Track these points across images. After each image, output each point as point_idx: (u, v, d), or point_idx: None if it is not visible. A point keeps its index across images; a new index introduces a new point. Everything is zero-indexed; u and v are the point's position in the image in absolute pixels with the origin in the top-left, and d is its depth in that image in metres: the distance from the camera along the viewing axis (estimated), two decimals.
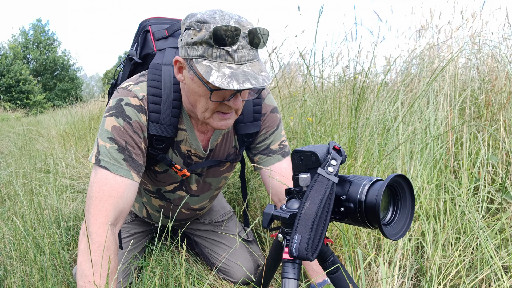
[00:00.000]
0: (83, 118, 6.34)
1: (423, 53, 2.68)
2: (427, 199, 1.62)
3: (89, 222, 1.08)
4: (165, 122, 1.18)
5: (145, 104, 1.16)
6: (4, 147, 5.53)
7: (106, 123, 1.13)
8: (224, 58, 0.99)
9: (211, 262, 1.74)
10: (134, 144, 1.14)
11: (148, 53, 1.32)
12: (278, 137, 1.39)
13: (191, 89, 1.09)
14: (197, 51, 1.01)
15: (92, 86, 53.18)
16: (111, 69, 46.43)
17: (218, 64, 0.99)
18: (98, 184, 1.10)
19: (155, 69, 1.21)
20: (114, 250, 1.10)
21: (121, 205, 1.11)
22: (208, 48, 0.99)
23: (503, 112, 1.96)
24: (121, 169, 1.12)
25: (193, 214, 1.59)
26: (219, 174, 1.44)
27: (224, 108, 1.11)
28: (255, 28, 1.01)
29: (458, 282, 1.35)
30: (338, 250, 1.59)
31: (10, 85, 28.29)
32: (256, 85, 0.98)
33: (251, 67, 1.02)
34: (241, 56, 1.00)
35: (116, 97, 1.16)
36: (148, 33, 1.35)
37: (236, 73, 0.98)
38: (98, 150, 1.12)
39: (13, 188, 2.44)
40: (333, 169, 0.83)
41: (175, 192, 1.43)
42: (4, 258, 1.64)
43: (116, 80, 1.45)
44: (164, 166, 1.32)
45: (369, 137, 1.96)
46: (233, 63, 1.00)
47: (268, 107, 1.36)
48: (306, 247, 0.78)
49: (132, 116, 1.14)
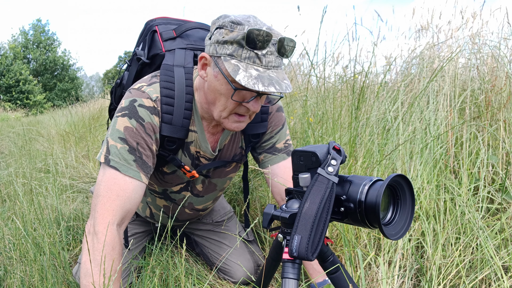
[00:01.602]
0: (83, 118, 6.35)
1: (423, 53, 2.68)
2: (427, 199, 1.62)
3: (96, 221, 1.08)
4: (177, 124, 1.19)
5: (158, 105, 1.16)
6: (4, 147, 5.53)
7: (118, 123, 1.13)
8: (252, 60, 1.02)
9: (211, 262, 1.74)
10: (145, 145, 1.14)
11: (157, 54, 1.32)
12: (283, 136, 1.40)
13: (213, 86, 1.10)
14: (227, 50, 1.03)
15: (92, 86, 53.19)
16: (111, 69, 46.48)
17: (246, 65, 1.02)
18: (107, 184, 1.10)
19: (167, 70, 1.21)
20: (119, 251, 1.10)
21: (128, 205, 1.12)
22: (239, 48, 1.02)
23: (503, 112, 1.96)
24: (131, 170, 1.12)
25: (196, 215, 1.59)
26: (225, 174, 1.45)
27: (241, 110, 1.12)
28: (285, 37, 1.04)
29: (458, 282, 1.35)
30: (338, 250, 1.59)
31: (10, 85, 28.29)
32: (279, 90, 1.01)
33: (276, 73, 1.05)
34: (269, 61, 1.04)
35: (129, 97, 1.16)
36: (156, 33, 1.35)
37: (262, 76, 1.01)
38: (108, 150, 1.12)
39: (13, 188, 2.44)
40: (333, 169, 0.83)
41: (181, 193, 1.43)
42: (4, 258, 1.64)
43: (121, 80, 1.45)
44: (172, 167, 1.32)
45: (369, 137, 1.96)
46: (261, 66, 1.03)
47: (273, 106, 1.37)
48: (306, 247, 0.78)
49: (145, 118, 1.14)
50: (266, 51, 1.02)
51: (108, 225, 1.08)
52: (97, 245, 1.06)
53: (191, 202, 1.48)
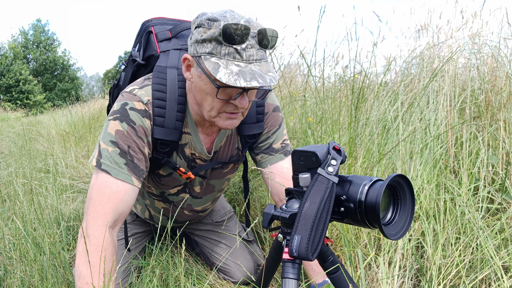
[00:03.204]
0: (83, 118, 6.34)
1: (423, 53, 2.68)
2: (427, 199, 1.62)
3: (88, 224, 1.09)
4: (169, 126, 1.18)
5: (150, 108, 1.16)
6: (4, 147, 5.52)
7: (110, 126, 1.13)
8: (232, 56, 1.00)
9: (211, 262, 1.74)
10: (137, 149, 1.14)
11: (152, 55, 1.31)
12: (280, 136, 1.39)
13: (198, 87, 1.09)
14: (206, 48, 1.01)
15: (92, 86, 53.18)
16: (111, 69, 46.47)
17: (226, 61, 1.00)
18: (99, 187, 1.11)
19: (159, 72, 1.21)
20: (111, 252, 1.10)
21: (120, 208, 1.12)
22: (217, 45, 1.00)
23: (503, 112, 1.96)
24: (122, 173, 1.12)
25: (196, 216, 1.59)
26: (222, 176, 1.44)
27: (230, 108, 1.10)
28: (265, 28, 1.01)
29: (458, 282, 1.35)
30: (338, 250, 1.59)
31: (10, 85, 28.27)
32: (263, 84, 0.98)
33: (259, 66, 1.02)
34: (250, 55, 1.01)
35: (120, 101, 1.16)
36: (151, 34, 1.34)
37: (243, 71, 0.99)
38: (99, 153, 1.12)
39: (13, 188, 2.44)
40: (333, 169, 0.83)
41: (179, 195, 1.43)
42: (4, 258, 1.64)
43: (118, 81, 1.44)
44: (168, 170, 1.32)
45: (369, 137, 1.96)
46: (241, 61, 1.00)
47: (270, 106, 1.36)
48: (306, 247, 0.78)
49: (136, 121, 1.14)
50: (246, 45, 1.00)
51: (100, 227, 1.08)
52: (89, 247, 1.06)
53: (190, 204, 1.48)
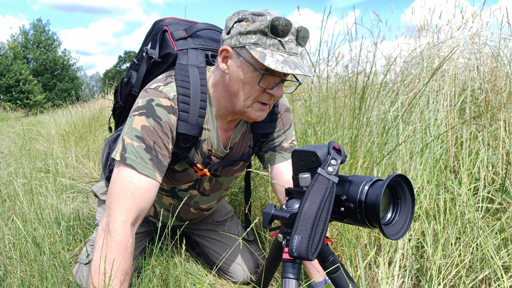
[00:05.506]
0: (83, 118, 6.34)
1: (423, 53, 2.68)
2: (427, 199, 1.62)
3: (110, 219, 1.09)
4: (192, 122, 1.21)
5: (175, 104, 1.18)
6: (4, 147, 5.52)
7: (135, 121, 1.14)
8: (276, 47, 1.09)
9: (212, 262, 1.74)
10: (162, 144, 1.16)
11: (168, 53, 1.34)
12: (290, 136, 1.44)
13: (236, 77, 1.14)
14: (251, 39, 1.09)
15: (92, 86, 53.19)
16: (111, 69, 46.38)
17: (272, 51, 1.08)
18: (122, 182, 1.11)
19: (182, 69, 1.24)
20: (131, 250, 1.11)
21: (142, 204, 1.12)
22: (263, 37, 1.08)
23: (503, 112, 1.96)
24: (147, 168, 1.13)
25: (200, 214, 1.60)
26: (232, 173, 1.46)
27: (264, 98, 1.16)
28: (302, 27, 1.11)
29: (458, 282, 1.35)
30: (338, 250, 1.59)
31: (10, 85, 28.27)
32: (304, 73, 1.08)
33: (297, 59, 1.12)
34: (290, 48, 1.10)
35: (146, 97, 1.17)
36: (166, 33, 1.37)
37: (287, 61, 1.08)
38: (124, 148, 1.13)
39: (13, 188, 2.44)
40: (333, 169, 0.84)
41: (188, 191, 1.44)
42: (4, 258, 1.64)
43: (128, 79, 1.45)
44: (184, 165, 1.33)
45: (369, 137, 1.96)
46: (284, 52, 1.09)
47: (283, 107, 1.42)
48: (306, 247, 0.78)
49: (163, 117, 1.15)
50: (288, 39, 1.09)
51: (123, 223, 1.08)
52: (110, 243, 1.06)
53: (196, 201, 1.49)
